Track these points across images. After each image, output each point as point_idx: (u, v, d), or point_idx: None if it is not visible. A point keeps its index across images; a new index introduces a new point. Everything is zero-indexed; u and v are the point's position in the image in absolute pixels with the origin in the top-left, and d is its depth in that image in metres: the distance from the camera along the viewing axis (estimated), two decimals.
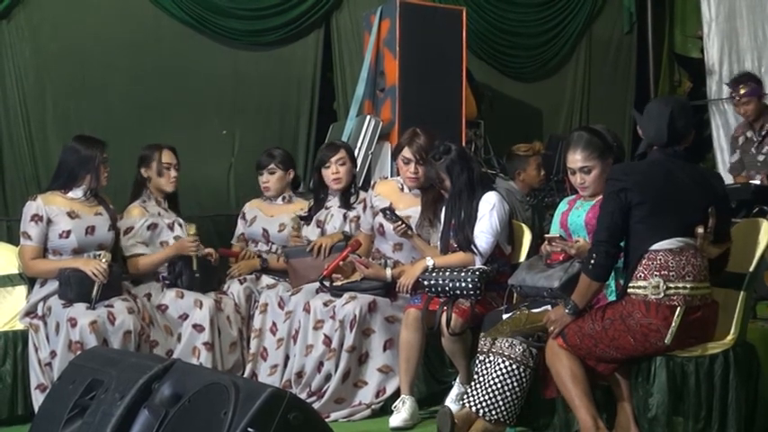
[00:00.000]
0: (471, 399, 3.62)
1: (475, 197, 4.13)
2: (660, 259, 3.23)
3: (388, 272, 4.33)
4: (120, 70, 5.74)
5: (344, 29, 6.40)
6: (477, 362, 3.71)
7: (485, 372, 3.64)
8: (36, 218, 4.25)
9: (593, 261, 3.28)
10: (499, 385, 3.58)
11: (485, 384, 3.60)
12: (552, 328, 3.37)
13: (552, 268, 3.69)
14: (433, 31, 5.64)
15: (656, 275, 3.22)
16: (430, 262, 4.12)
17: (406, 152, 4.40)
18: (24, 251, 4.30)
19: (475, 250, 4.07)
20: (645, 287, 3.23)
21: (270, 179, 4.93)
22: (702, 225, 3.27)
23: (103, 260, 4.18)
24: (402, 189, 4.52)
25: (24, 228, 4.28)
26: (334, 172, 4.74)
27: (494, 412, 3.57)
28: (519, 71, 7.15)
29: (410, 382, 4.08)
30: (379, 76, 5.78)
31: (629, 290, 3.28)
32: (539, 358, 3.57)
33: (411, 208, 4.43)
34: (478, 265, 4.07)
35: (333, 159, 4.75)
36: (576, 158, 3.75)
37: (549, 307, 3.49)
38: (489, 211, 4.10)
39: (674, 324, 3.19)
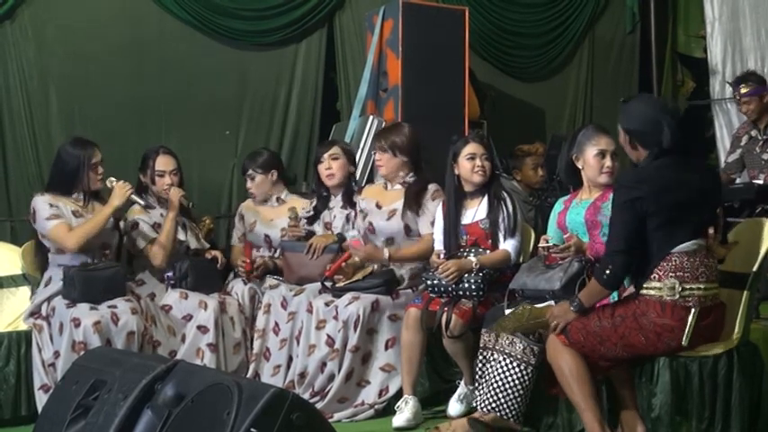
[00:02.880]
0: (478, 398, 3.63)
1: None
2: (675, 261, 3.22)
3: (386, 251, 4.32)
4: (124, 71, 5.74)
5: (347, 29, 6.39)
6: (481, 357, 3.72)
7: (487, 370, 3.66)
8: (52, 206, 4.25)
9: (608, 271, 3.22)
10: (500, 383, 3.59)
11: (488, 383, 3.61)
12: (555, 323, 3.34)
13: (552, 269, 3.70)
14: (436, 31, 5.62)
15: (671, 277, 3.21)
16: (474, 260, 4.04)
17: (375, 139, 4.63)
18: (59, 229, 4.21)
19: (510, 248, 4.12)
20: (660, 288, 3.22)
21: (252, 185, 4.94)
22: (713, 225, 3.27)
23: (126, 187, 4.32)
24: (386, 188, 4.56)
25: (47, 213, 4.23)
26: (326, 167, 4.78)
27: (497, 410, 3.58)
28: (522, 71, 7.14)
29: (412, 382, 4.08)
30: (381, 76, 5.77)
31: (642, 290, 3.26)
32: (541, 357, 3.58)
33: (396, 202, 4.46)
34: (513, 258, 4.11)
35: (325, 155, 4.79)
36: (609, 141, 3.77)
37: (552, 302, 3.49)
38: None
39: (689, 325, 3.17)
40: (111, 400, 2.73)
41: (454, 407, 4.14)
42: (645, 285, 3.25)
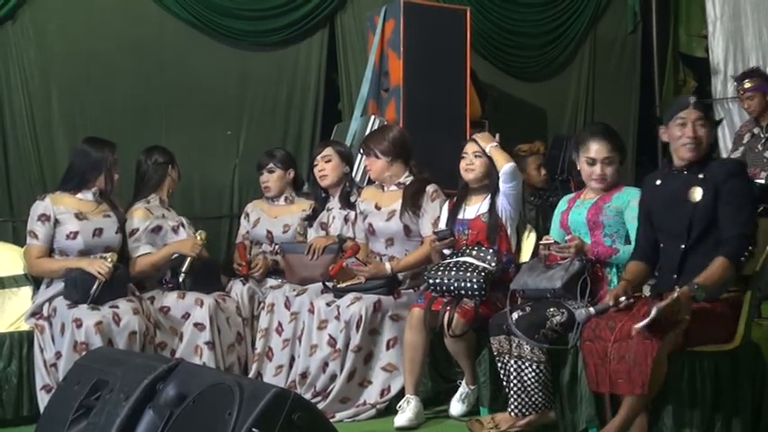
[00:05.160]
0: (509, 404, 3.67)
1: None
2: None
3: (388, 266, 4.37)
4: (125, 71, 5.74)
5: (349, 29, 6.39)
6: (499, 365, 3.74)
7: (506, 374, 3.68)
8: (43, 217, 4.27)
9: (746, 253, 3.29)
10: (519, 384, 3.62)
11: (510, 387, 3.64)
12: (685, 316, 3.12)
13: (552, 269, 3.71)
14: (437, 31, 5.62)
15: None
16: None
17: (362, 144, 4.66)
18: (30, 250, 4.30)
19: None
20: (738, 290, 3.42)
21: (269, 178, 4.99)
22: None
23: (109, 260, 4.19)
24: (383, 189, 4.57)
25: (31, 227, 4.29)
26: (320, 169, 4.84)
27: (525, 410, 3.62)
28: (523, 71, 7.14)
29: (415, 382, 4.09)
30: (383, 76, 5.77)
31: (730, 294, 3.37)
32: (548, 354, 3.59)
33: (394, 203, 4.48)
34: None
35: (318, 157, 4.84)
36: (598, 148, 3.77)
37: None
38: None
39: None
40: (112, 401, 2.73)
41: (456, 407, 4.15)
42: (732, 288, 3.37)
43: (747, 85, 5.65)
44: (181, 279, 4.44)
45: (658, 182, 3.55)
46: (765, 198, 4.94)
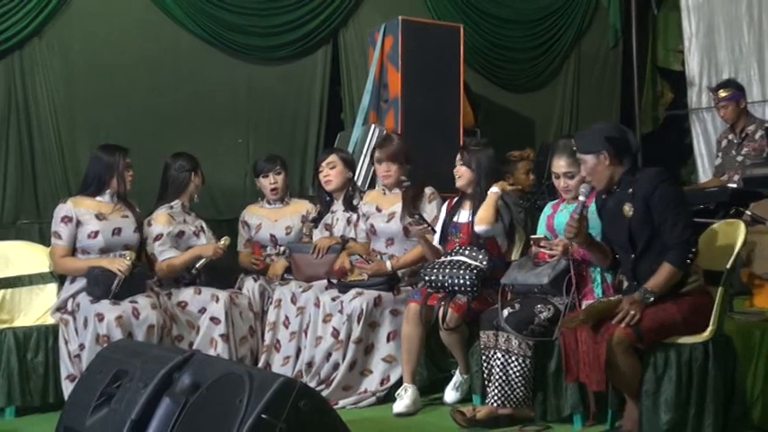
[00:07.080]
0: (489, 395, 3.66)
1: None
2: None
3: (388, 264, 4.38)
4: (143, 84, 5.75)
5: (351, 45, 6.40)
6: (484, 357, 3.75)
7: (490, 367, 3.69)
8: (66, 219, 4.28)
9: (691, 256, 3.30)
10: (504, 377, 3.62)
11: (494, 379, 3.63)
12: (633, 313, 3.23)
13: (540, 266, 3.73)
14: (433, 47, 5.64)
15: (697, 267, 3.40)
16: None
17: (378, 153, 4.59)
18: (55, 250, 4.32)
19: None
20: (697, 279, 3.39)
21: (278, 179, 4.98)
22: None
23: (128, 258, 4.21)
24: (384, 193, 4.58)
25: (55, 228, 4.30)
26: (324, 174, 4.84)
27: (506, 402, 3.61)
28: (513, 83, 7.15)
29: (412, 371, 4.10)
30: (383, 88, 5.79)
31: (687, 287, 3.36)
32: (535, 349, 3.60)
33: (394, 205, 4.51)
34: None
35: (323, 163, 4.85)
36: (560, 164, 3.80)
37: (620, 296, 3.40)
38: None
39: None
40: (132, 389, 2.75)
41: (450, 394, 4.16)
42: (689, 281, 3.35)
43: (722, 94, 5.67)
44: (194, 272, 4.45)
45: (603, 195, 3.59)
46: (737, 200, 4.95)
